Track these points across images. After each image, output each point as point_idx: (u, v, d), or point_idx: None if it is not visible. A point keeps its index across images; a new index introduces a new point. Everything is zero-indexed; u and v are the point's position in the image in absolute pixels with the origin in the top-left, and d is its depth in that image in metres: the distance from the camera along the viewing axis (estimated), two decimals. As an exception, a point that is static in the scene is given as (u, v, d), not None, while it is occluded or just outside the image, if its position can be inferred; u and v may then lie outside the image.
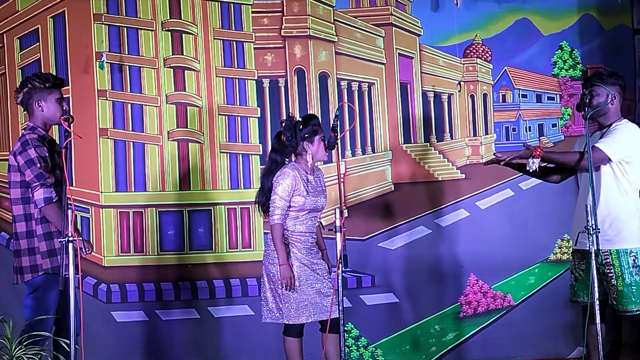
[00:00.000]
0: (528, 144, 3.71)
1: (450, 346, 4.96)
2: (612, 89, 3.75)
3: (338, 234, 3.50)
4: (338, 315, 3.57)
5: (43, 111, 3.71)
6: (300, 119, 4.03)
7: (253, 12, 4.92)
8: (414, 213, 4.97)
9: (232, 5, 4.91)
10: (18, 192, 3.68)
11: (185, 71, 4.85)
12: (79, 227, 4.45)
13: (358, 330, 4.87)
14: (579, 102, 3.80)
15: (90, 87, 4.74)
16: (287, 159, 4.09)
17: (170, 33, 4.85)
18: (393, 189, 5.02)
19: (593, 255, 3.45)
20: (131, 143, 4.78)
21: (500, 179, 5.05)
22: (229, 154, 4.87)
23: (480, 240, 4.98)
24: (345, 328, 3.66)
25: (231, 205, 4.85)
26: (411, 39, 5.07)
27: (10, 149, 3.80)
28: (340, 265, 3.47)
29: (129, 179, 4.76)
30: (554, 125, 5.18)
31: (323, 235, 4.13)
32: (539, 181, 4.53)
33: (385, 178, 5.02)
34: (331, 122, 3.70)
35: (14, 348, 3.30)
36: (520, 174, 4.84)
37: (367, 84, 5.02)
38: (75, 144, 3.80)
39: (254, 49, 4.92)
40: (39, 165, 3.58)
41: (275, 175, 3.96)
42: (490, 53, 5.12)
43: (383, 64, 5.05)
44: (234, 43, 4.91)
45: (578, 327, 3.96)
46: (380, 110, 5.03)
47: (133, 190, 4.77)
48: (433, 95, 5.09)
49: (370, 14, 5.04)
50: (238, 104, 4.90)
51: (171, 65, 4.84)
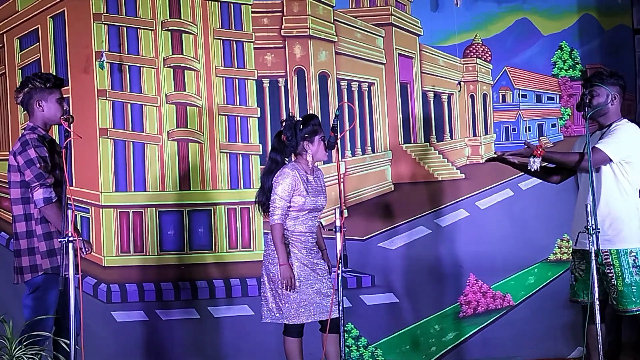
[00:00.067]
0: (530, 142, 3.71)
1: (450, 346, 4.95)
2: (613, 89, 3.74)
3: (338, 234, 3.50)
4: (338, 315, 3.57)
5: (43, 111, 3.70)
6: (301, 119, 4.03)
7: (253, 12, 4.92)
8: (414, 213, 4.97)
9: (232, 5, 4.90)
10: (18, 192, 3.68)
11: (185, 71, 4.85)
12: (78, 227, 4.44)
13: (358, 330, 4.86)
14: (578, 102, 3.80)
15: (90, 87, 4.73)
16: (287, 159, 4.08)
17: (170, 33, 4.84)
18: (393, 189, 5.02)
19: (593, 255, 3.45)
20: (131, 143, 4.77)
21: (500, 179, 5.05)
22: (229, 154, 4.86)
23: (480, 240, 4.98)
24: (345, 328, 3.65)
25: (231, 205, 4.85)
26: (411, 39, 5.07)
27: (10, 149, 3.79)
28: (340, 265, 3.47)
29: (129, 179, 4.76)
30: (554, 125, 5.18)
31: (323, 235, 4.13)
32: (539, 181, 4.53)
33: (385, 178, 5.02)
34: (331, 122, 3.69)
35: (14, 348, 3.30)
36: (520, 174, 4.86)
37: (367, 84, 5.02)
38: (75, 144, 3.79)
39: (254, 49, 4.91)
40: (38, 165, 3.58)
41: (275, 175, 3.96)
42: (490, 53, 5.12)
43: (383, 64, 5.05)
44: (234, 43, 4.90)
45: (578, 327, 3.96)
46: (380, 110, 5.03)
47: (133, 190, 4.76)
48: (433, 95, 5.08)
49: (370, 14, 5.04)
50: (238, 104, 4.90)
51: (171, 65, 4.83)
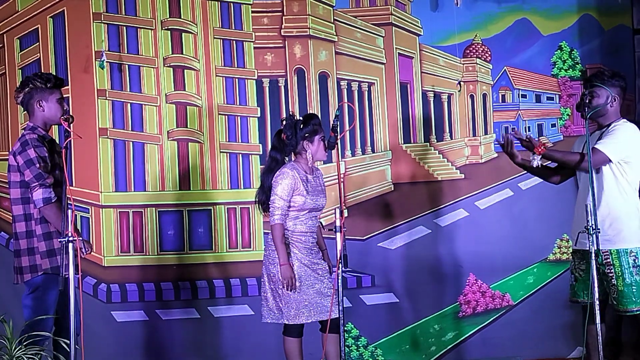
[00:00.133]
0: (532, 138, 3.70)
1: (450, 346, 4.96)
2: (613, 90, 3.74)
3: (338, 234, 3.51)
4: (338, 315, 3.57)
5: (44, 111, 3.70)
6: (301, 118, 4.03)
7: (253, 12, 4.91)
8: (414, 213, 4.97)
9: (232, 4, 4.90)
10: (18, 192, 3.67)
11: (185, 70, 4.84)
12: (78, 227, 4.44)
13: (358, 330, 4.86)
14: (578, 102, 3.80)
15: (90, 87, 4.73)
16: (287, 158, 4.08)
17: (169, 32, 4.84)
18: (393, 189, 5.02)
19: (593, 255, 3.45)
20: (131, 143, 4.77)
21: (500, 179, 5.05)
22: (228, 154, 4.86)
23: (480, 240, 4.98)
24: (345, 328, 3.65)
25: (231, 205, 4.84)
26: (411, 39, 5.06)
27: (10, 149, 3.79)
28: (340, 265, 3.47)
29: (129, 178, 4.75)
30: (553, 125, 5.18)
31: (323, 236, 4.13)
32: (538, 181, 4.54)
33: (385, 178, 5.02)
34: (331, 122, 3.69)
35: (14, 348, 3.30)
36: (520, 174, 4.87)
37: (367, 83, 5.02)
38: (75, 143, 3.79)
39: (254, 48, 4.91)
40: (38, 165, 3.58)
41: (275, 176, 3.96)
42: (489, 53, 5.12)
43: (383, 63, 5.05)
44: (234, 42, 4.90)
45: (578, 327, 3.96)
46: (380, 110, 5.02)
47: (133, 190, 4.76)
48: (433, 95, 5.08)
49: (370, 13, 5.04)
50: (238, 103, 4.89)
51: (171, 64, 4.83)
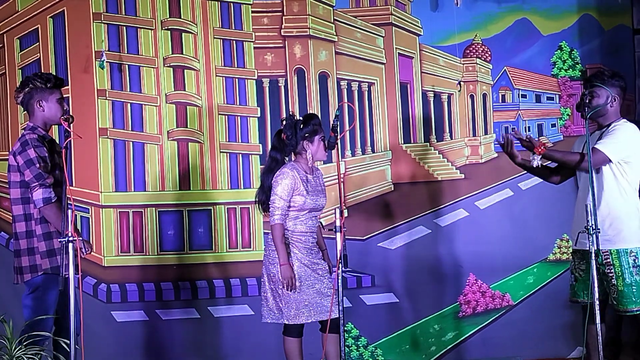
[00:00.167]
0: (532, 137, 3.70)
1: (450, 346, 4.96)
2: (613, 90, 3.73)
3: (338, 234, 3.51)
4: (338, 315, 3.57)
5: (44, 111, 3.70)
6: (301, 118, 4.03)
7: (253, 12, 4.91)
8: (414, 213, 4.97)
9: (232, 4, 4.90)
10: (18, 192, 3.67)
11: (185, 70, 4.84)
12: (78, 227, 4.44)
13: (358, 330, 4.86)
14: (578, 102, 3.80)
15: (90, 87, 4.73)
16: (287, 157, 4.08)
17: (169, 32, 4.84)
18: (393, 189, 5.02)
19: (593, 255, 3.45)
20: (131, 143, 4.77)
21: (500, 179, 5.05)
22: (228, 154, 4.86)
23: (480, 240, 4.98)
24: (345, 328, 3.65)
25: (231, 205, 4.84)
26: (411, 39, 5.06)
27: (10, 149, 3.79)
28: (340, 265, 3.47)
29: (129, 178, 4.75)
30: (553, 125, 5.18)
31: (323, 236, 4.13)
32: (538, 181, 4.54)
33: (385, 178, 5.02)
34: (331, 122, 3.69)
35: (14, 348, 3.30)
36: (519, 174, 4.88)
37: (367, 83, 5.02)
38: (75, 143, 3.79)
39: (254, 48, 4.91)
40: (38, 165, 3.58)
41: (275, 176, 3.95)
42: (489, 53, 5.12)
43: (383, 63, 5.05)
44: (234, 42, 4.90)
45: (578, 327, 3.96)
46: (380, 110, 5.02)
47: (133, 190, 4.76)
48: (433, 95, 5.08)
49: (370, 13, 5.04)
50: (238, 103, 4.89)
51: (171, 64, 4.83)
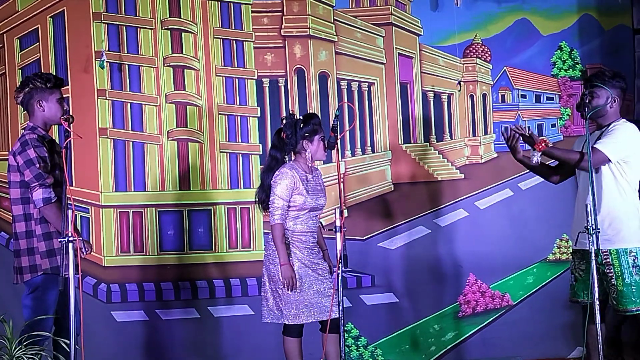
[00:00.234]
0: (534, 134, 3.70)
1: (450, 346, 4.96)
2: (613, 91, 3.73)
3: (338, 234, 3.51)
4: (338, 316, 3.57)
5: (44, 111, 3.70)
6: (301, 117, 4.03)
7: (253, 12, 4.91)
8: (414, 213, 4.97)
9: (232, 4, 4.90)
10: (17, 192, 3.67)
11: (185, 70, 4.84)
12: (78, 227, 4.44)
13: (358, 330, 4.87)
14: (578, 102, 3.80)
15: (90, 87, 4.72)
16: (287, 156, 4.08)
17: (169, 32, 4.84)
18: (393, 189, 5.02)
19: (593, 255, 3.45)
20: (131, 143, 4.76)
21: (500, 179, 5.06)
22: (228, 154, 4.86)
23: (480, 240, 4.98)
24: (345, 328, 3.65)
25: (231, 205, 4.84)
26: (411, 39, 5.06)
27: (10, 149, 3.79)
28: (340, 265, 3.47)
29: (129, 178, 4.75)
30: (553, 125, 5.18)
31: (323, 236, 4.13)
32: (538, 181, 4.54)
33: (385, 178, 5.02)
34: (331, 122, 3.69)
35: (14, 348, 3.30)
36: (519, 174, 4.88)
37: (367, 83, 5.02)
38: (74, 143, 3.78)
39: (254, 48, 4.91)
40: (38, 165, 3.57)
41: (274, 176, 3.95)
42: (489, 53, 5.12)
43: (383, 63, 5.05)
44: (234, 42, 4.90)
45: (578, 327, 3.96)
46: (380, 111, 5.02)
47: (133, 190, 4.76)
48: (433, 95, 5.08)
49: (370, 13, 5.04)
50: (238, 103, 4.89)
51: (171, 64, 4.83)
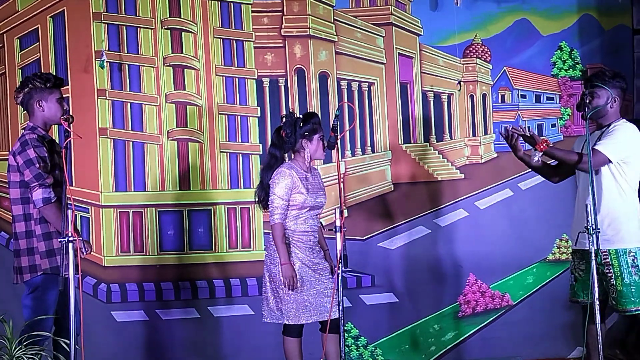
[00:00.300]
0: (535, 134, 3.71)
1: (450, 346, 4.96)
2: (614, 91, 3.73)
3: (338, 234, 3.51)
4: (338, 316, 3.57)
5: (44, 111, 3.70)
6: (301, 116, 4.03)
7: (253, 12, 4.91)
8: (414, 213, 4.98)
9: (232, 4, 4.90)
10: (17, 192, 3.67)
11: (185, 70, 4.84)
12: (78, 227, 4.44)
13: (358, 330, 4.87)
14: (578, 102, 3.80)
15: (90, 87, 4.72)
16: (287, 155, 4.08)
17: (169, 31, 4.83)
18: (393, 189, 5.02)
19: (593, 255, 3.46)
20: (131, 143, 4.76)
21: (500, 179, 5.06)
22: (228, 154, 4.86)
23: (479, 240, 4.98)
24: (345, 328, 3.65)
25: (231, 205, 4.84)
26: (411, 39, 5.06)
27: (10, 149, 3.79)
28: (340, 265, 3.48)
29: (129, 178, 4.75)
30: (554, 125, 5.19)
31: (324, 236, 4.13)
32: (538, 181, 4.55)
33: (385, 178, 5.02)
34: (331, 122, 3.69)
35: (14, 348, 3.30)
36: (519, 174, 4.88)
37: (367, 83, 5.02)
38: (74, 143, 3.78)
39: (254, 48, 4.90)
40: (37, 165, 3.57)
41: (272, 175, 3.95)
42: (489, 53, 5.12)
43: (383, 63, 5.04)
44: (234, 42, 4.90)
45: (578, 327, 3.97)
46: (380, 110, 5.02)
47: (133, 190, 4.75)
48: (433, 95, 5.08)
49: (370, 13, 5.04)
50: (238, 103, 4.89)
51: (171, 64, 4.82)
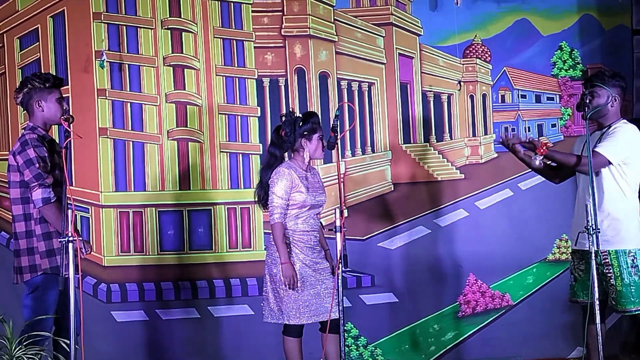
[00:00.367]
0: (534, 140, 3.72)
1: (450, 346, 4.96)
2: (613, 90, 3.74)
3: (338, 234, 3.51)
4: (338, 316, 3.57)
5: (43, 111, 3.70)
6: (301, 116, 4.03)
7: (253, 11, 4.91)
8: (414, 213, 4.97)
9: (232, 4, 4.90)
10: (17, 192, 3.67)
11: (185, 70, 4.84)
12: (78, 227, 4.44)
13: (358, 330, 4.87)
14: (578, 102, 3.81)
15: (90, 87, 4.72)
16: (287, 153, 4.07)
17: (169, 31, 4.83)
18: (393, 189, 5.02)
19: (593, 255, 3.46)
20: (131, 142, 4.76)
21: (500, 179, 5.06)
22: (228, 154, 4.86)
23: (480, 240, 4.98)
24: (344, 327, 3.65)
25: (231, 205, 4.84)
26: (411, 39, 5.06)
27: (10, 149, 3.79)
28: (340, 265, 3.48)
29: (129, 178, 4.75)
30: (554, 125, 5.19)
31: (324, 236, 4.13)
32: (538, 182, 4.55)
33: (385, 178, 5.02)
34: (331, 122, 3.69)
35: (14, 348, 3.30)
36: (519, 174, 4.89)
37: (367, 83, 5.02)
38: (74, 143, 3.78)
39: (254, 48, 4.90)
40: (37, 165, 3.58)
41: (271, 175, 3.95)
42: (489, 53, 5.12)
43: (383, 63, 5.04)
44: (234, 42, 4.90)
45: (578, 327, 3.97)
46: (380, 110, 5.02)
47: (133, 190, 4.75)
48: (433, 95, 5.08)
49: (370, 13, 5.04)
50: (238, 103, 4.89)
51: (171, 64, 4.82)
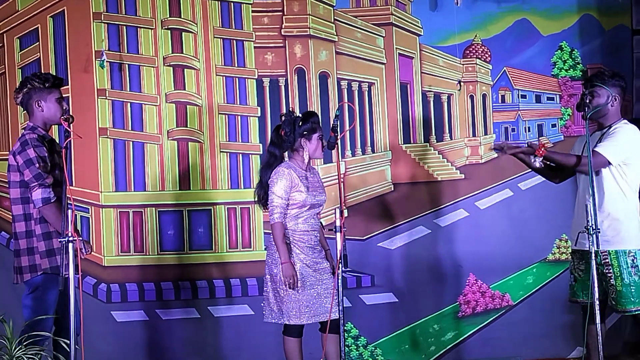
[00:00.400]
0: (532, 142, 3.72)
1: (450, 346, 4.96)
2: (613, 90, 3.74)
3: (338, 234, 3.51)
4: (338, 316, 3.57)
5: (43, 111, 3.70)
6: (301, 115, 4.02)
7: (253, 11, 4.91)
8: (414, 213, 4.98)
9: (232, 4, 4.90)
10: (17, 192, 3.67)
11: (185, 70, 4.84)
12: (78, 227, 4.44)
13: (357, 330, 4.87)
14: (579, 102, 3.81)
15: (90, 87, 4.72)
16: (287, 153, 4.07)
17: (169, 31, 4.83)
18: (392, 189, 5.02)
19: (593, 255, 3.46)
20: (131, 142, 4.76)
21: (500, 179, 5.06)
22: (228, 154, 4.86)
23: (480, 240, 4.98)
24: (344, 327, 3.66)
25: (231, 205, 4.84)
26: (411, 39, 5.06)
27: (10, 149, 3.79)
28: (340, 265, 3.48)
29: (129, 178, 4.75)
30: (554, 125, 5.19)
31: (324, 236, 4.13)
32: (538, 182, 4.55)
33: (385, 178, 5.02)
34: (331, 122, 3.69)
35: (14, 348, 3.30)
36: (519, 174, 4.89)
37: (367, 83, 5.02)
38: (74, 143, 3.78)
39: (254, 48, 4.90)
40: (37, 165, 3.58)
41: (271, 175, 3.95)
42: (489, 53, 5.12)
43: (383, 63, 5.04)
44: (234, 42, 4.90)
45: (578, 327, 3.97)
46: (380, 110, 5.02)
47: (133, 190, 4.75)
48: (433, 95, 5.08)
49: (370, 13, 5.04)
50: (238, 103, 4.89)
51: (171, 63, 4.82)
